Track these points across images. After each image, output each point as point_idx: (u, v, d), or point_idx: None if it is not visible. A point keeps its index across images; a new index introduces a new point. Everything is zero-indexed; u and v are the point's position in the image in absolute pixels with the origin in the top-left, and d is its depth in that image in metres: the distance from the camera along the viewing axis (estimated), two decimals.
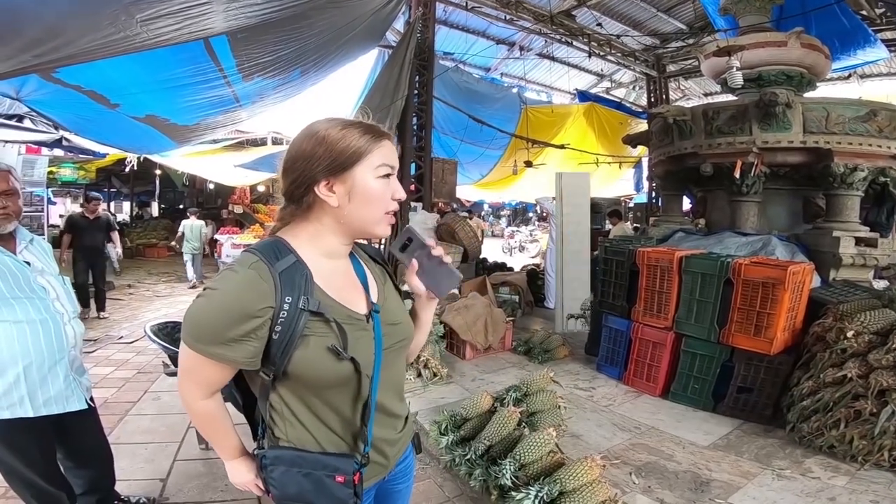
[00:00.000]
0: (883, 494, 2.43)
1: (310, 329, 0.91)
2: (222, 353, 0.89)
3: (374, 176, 0.96)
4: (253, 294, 0.88)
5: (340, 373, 0.92)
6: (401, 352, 1.10)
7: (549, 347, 5.03)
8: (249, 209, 13.23)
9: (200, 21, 3.07)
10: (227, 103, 5.81)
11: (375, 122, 1.01)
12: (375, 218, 0.98)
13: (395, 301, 1.12)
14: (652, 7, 10.13)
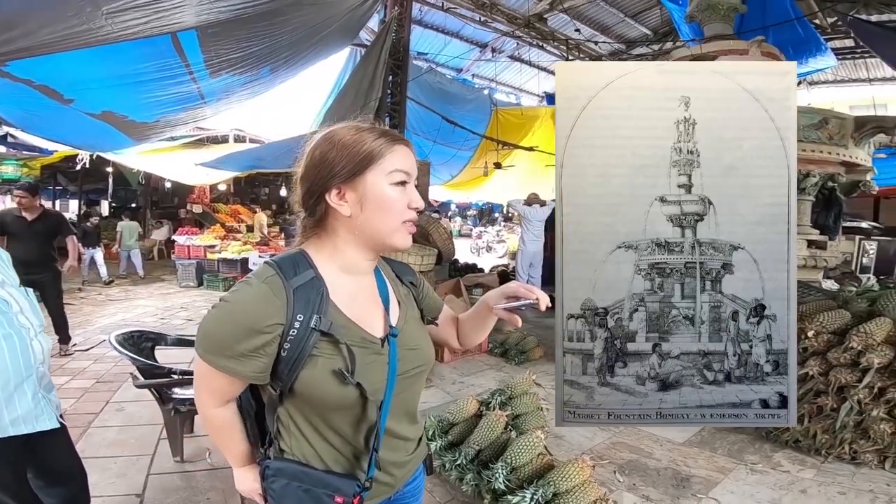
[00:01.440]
0: (848, 486, 2.61)
1: (319, 349, 0.88)
2: (231, 366, 0.87)
3: (388, 182, 0.92)
4: (263, 310, 0.86)
5: (346, 397, 0.89)
6: (417, 377, 1.04)
7: (524, 349, 5.11)
8: (209, 209, 12.75)
9: (171, 15, 2.93)
10: (192, 100, 5.57)
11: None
12: (391, 227, 0.93)
13: (417, 324, 1.08)
14: (620, 12, 10.44)
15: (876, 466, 2.79)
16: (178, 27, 3.25)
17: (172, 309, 7.50)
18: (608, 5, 10.08)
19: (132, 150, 8.89)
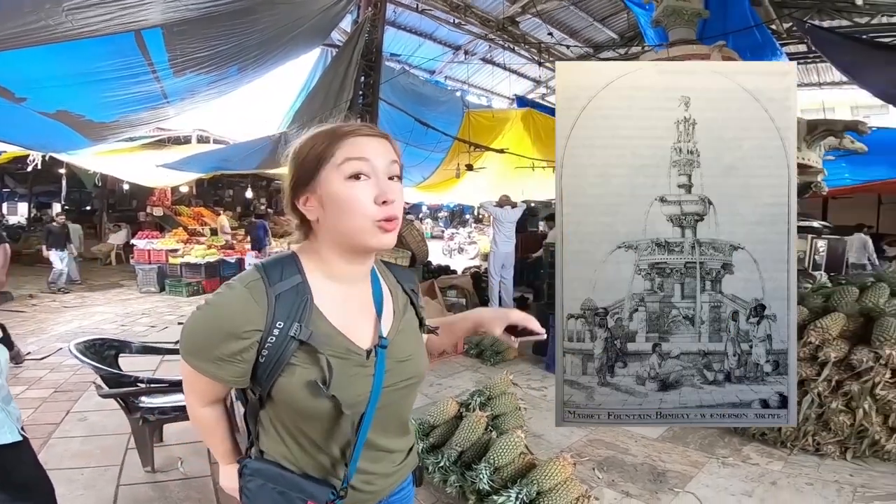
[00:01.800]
0: (814, 477, 2.75)
1: (297, 358, 0.86)
2: (211, 370, 0.87)
3: (340, 177, 0.85)
4: (242, 315, 0.84)
5: (320, 409, 0.87)
6: (408, 390, 1.01)
7: (499, 349, 5.16)
8: (171, 211, 12.27)
9: (137, 12, 2.81)
10: (154, 100, 5.36)
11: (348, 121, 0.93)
12: (356, 227, 0.86)
13: (412, 335, 1.03)
14: (589, 16, 10.69)
15: (838, 457, 2.93)
16: (143, 25, 3.12)
17: (133, 315, 7.21)
18: (578, 9, 10.31)
19: (88, 150, 8.47)
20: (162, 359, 4.36)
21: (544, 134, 11.87)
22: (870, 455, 2.91)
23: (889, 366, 2.84)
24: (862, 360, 2.88)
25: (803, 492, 2.60)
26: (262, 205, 16.33)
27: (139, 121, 6.04)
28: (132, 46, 3.71)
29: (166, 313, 7.38)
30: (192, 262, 8.86)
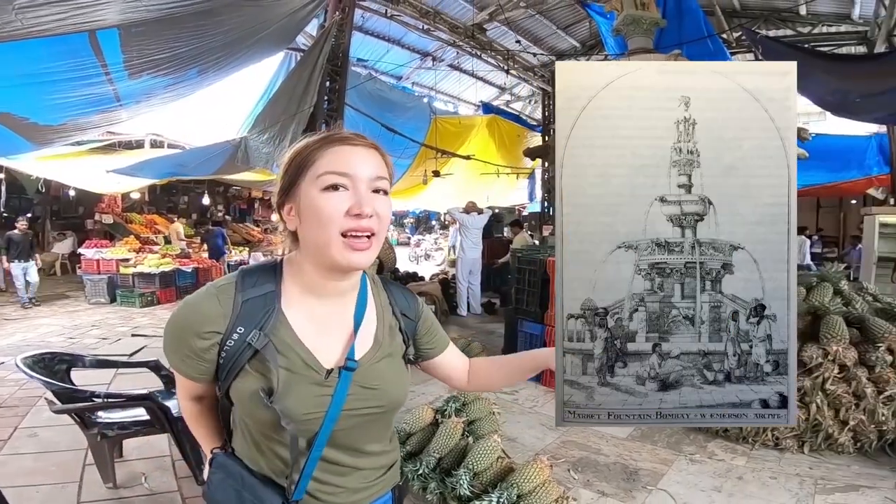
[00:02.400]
0: (777, 471, 2.89)
1: (251, 365, 0.86)
2: (177, 365, 0.91)
3: (317, 188, 0.83)
4: (205, 316, 0.87)
5: (264, 418, 0.87)
6: (375, 418, 0.97)
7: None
8: (121, 219, 11.64)
9: (92, 11, 2.67)
10: (106, 102, 5.11)
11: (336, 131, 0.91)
12: (324, 239, 0.83)
13: (390, 362, 0.99)
14: (553, 24, 11.01)
15: (796, 451, 3.09)
16: (98, 25, 2.96)
17: (82, 328, 6.80)
18: (543, 17, 10.59)
19: (31, 155, 7.95)
20: (116, 372, 4.15)
21: (508, 140, 12.11)
22: (825, 448, 3.08)
23: (837, 362, 3.03)
24: (812, 357, 3.06)
25: (768, 485, 2.73)
26: (219, 212, 15.78)
27: (89, 124, 5.74)
28: (85, 47, 3.52)
29: (118, 325, 7.01)
30: (145, 271, 8.44)
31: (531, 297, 4.87)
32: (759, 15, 9.66)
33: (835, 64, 6.07)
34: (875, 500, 2.54)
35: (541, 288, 4.75)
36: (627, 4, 6.03)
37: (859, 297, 3.69)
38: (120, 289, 8.37)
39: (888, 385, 2.95)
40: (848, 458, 3.02)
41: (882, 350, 3.00)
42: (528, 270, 4.91)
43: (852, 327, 3.18)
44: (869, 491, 2.63)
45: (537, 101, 14.03)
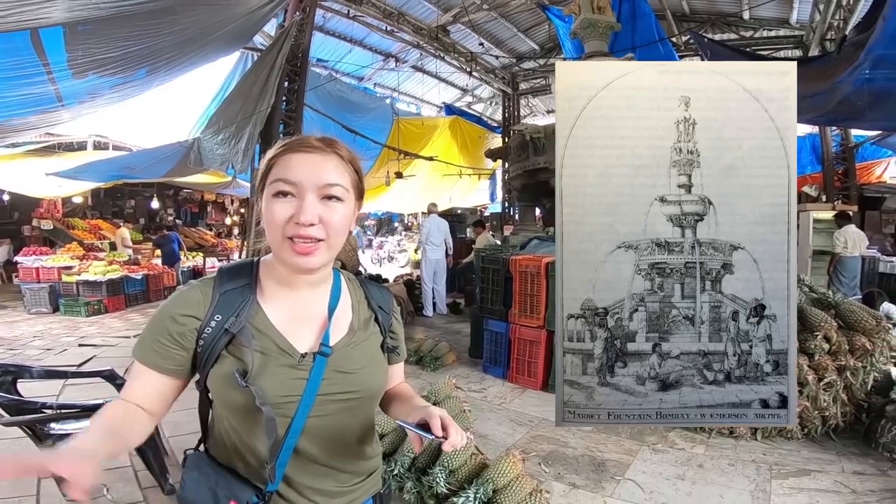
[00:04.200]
0: (734, 458, 3.06)
1: (228, 350, 0.90)
2: (154, 359, 0.90)
3: (270, 194, 0.89)
4: (183, 303, 0.92)
5: (239, 401, 0.88)
6: (351, 405, 0.97)
7: (438, 355, 5.23)
8: (62, 224, 10.91)
9: (37, 9, 2.51)
10: (46, 102, 4.81)
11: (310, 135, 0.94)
12: (274, 242, 0.90)
13: (365, 350, 1.01)
14: (514, 27, 11.26)
15: (750, 438, 3.28)
16: (42, 23, 2.78)
17: (23, 339, 6.35)
18: (504, 20, 10.82)
19: None
20: (65, 383, 3.90)
21: (470, 142, 12.23)
22: (776, 435, 3.28)
23: None
24: None
25: (727, 472, 2.89)
26: (169, 216, 15.05)
27: (26, 125, 5.38)
28: (26, 45, 3.29)
29: (63, 335, 6.58)
30: (90, 279, 7.95)
31: (495, 295, 4.97)
32: (707, 19, 10.22)
33: None
34: (826, 484, 2.73)
35: (504, 287, 4.85)
36: (585, 8, 6.23)
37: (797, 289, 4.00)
38: (63, 297, 7.87)
39: (826, 372, 3.21)
40: (797, 443, 3.22)
41: (819, 338, 3.25)
42: (491, 269, 5.00)
43: None
44: (819, 475, 2.83)
45: (498, 102, 14.26)
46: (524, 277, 4.60)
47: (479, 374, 4.91)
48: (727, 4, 9.53)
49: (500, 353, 4.81)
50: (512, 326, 4.69)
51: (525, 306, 4.60)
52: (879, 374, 3.32)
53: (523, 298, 4.61)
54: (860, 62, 4.31)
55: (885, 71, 4.16)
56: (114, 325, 7.18)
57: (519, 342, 4.63)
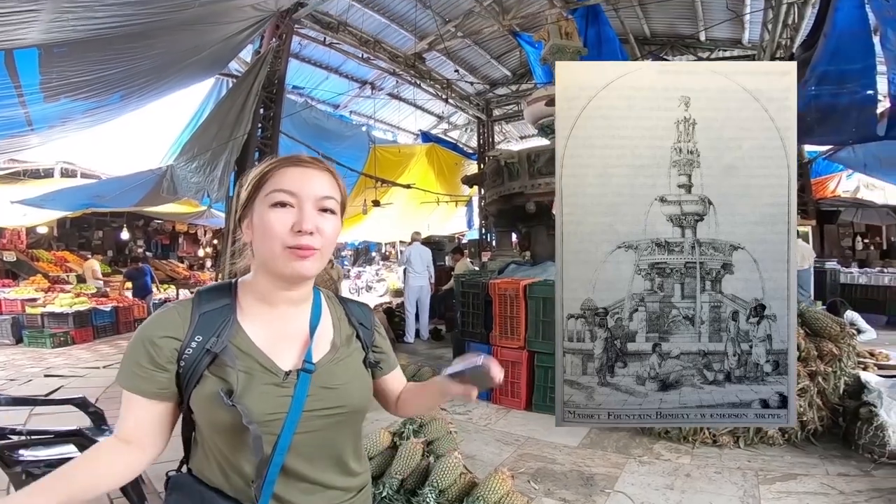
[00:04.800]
0: (720, 466, 3.07)
1: (210, 371, 0.89)
2: (137, 384, 0.89)
3: (267, 205, 0.90)
4: (162, 326, 0.91)
5: (225, 421, 0.87)
6: (338, 420, 0.97)
7: (421, 379, 5.15)
8: (26, 256, 10.48)
9: (14, 29, 2.48)
10: (15, 126, 4.69)
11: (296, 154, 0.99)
12: (272, 252, 0.89)
13: (348, 366, 1.02)
14: (487, 54, 11.63)
15: (733, 446, 3.32)
16: (17, 44, 2.74)
17: None
18: (478, 47, 11.18)
19: None
20: (31, 411, 3.68)
21: (447, 169, 12.40)
22: (758, 442, 3.32)
23: None
24: None
25: (715, 480, 2.91)
26: (139, 247, 14.62)
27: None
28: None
29: (27, 366, 6.27)
30: (56, 311, 7.64)
31: (476, 319, 5.00)
32: (667, 42, 10.79)
33: None
34: (813, 487, 2.77)
35: (484, 310, 4.89)
36: (554, 34, 6.50)
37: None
38: (27, 329, 7.59)
39: (799, 378, 3.30)
40: (779, 449, 3.27)
41: None
42: (471, 294, 5.04)
43: None
44: (805, 478, 2.87)
45: (473, 129, 14.58)
46: (503, 300, 4.65)
47: None
48: (685, 27, 10.07)
49: None
50: (493, 348, 4.70)
51: (505, 328, 4.64)
52: (850, 379, 3.44)
53: (503, 321, 4.65)
54: (806, 79, 4.61)
55: (828, 87, 4.44)
56: (82, 356, 6.86)
57: (501, 363, 4.60)
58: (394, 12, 9.31)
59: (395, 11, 9.30)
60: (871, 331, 6.34)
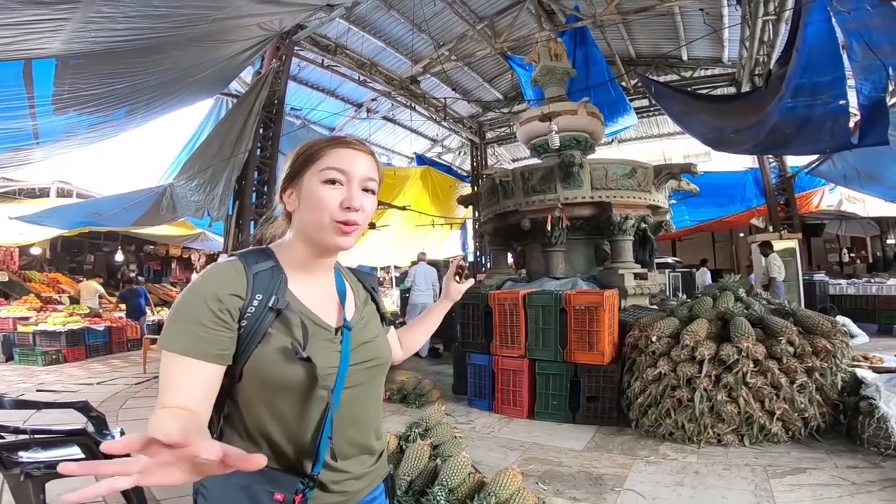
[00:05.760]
0: (728, 463, 3.10)
1: (274, 328, 0.91)
2: (196, 345, 0.84)
3: (320, 180, 0.95)
4: (226, 281, 0.90)
5: (295, 375, 0.90)
6: (373, 373, 1.04)
7: (422, 392, 5.16)
8: (18, 277, 10.36)
9: (39, 38, 2.56)
10: (22, 139, 4.74)
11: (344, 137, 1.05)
12: (320, 224, 0.95)
13: (374, 323, 1.11)
14: (480, 77, 11.99)
15: (738, 445, 3.34)
16: (39, 53, 2.82)
17: None
18: (470, 70, 11.52)
19: None
20: (30, 416, 3.60)
21: (441, 192, 12.54)
22: (763, 440, 3.35)
23: (750, 357, 3.40)
24: (729, 355, 3.42)
25: (724, 476, 2.92)
26: (131, 272, 14.50)
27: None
28: (17, 76, 3.30)
29: (18, 382, 6.21)
30: (49, 329, 7.57)
31: (476, 330, 5.05)
32: (652, 62, 11.17)
33: (711, 104, 7.04)
34: (824, 479, 2.79)
35: (484, 321, 4.95)
36: (544, 57, 6.75)
37: (756, 301, 4.26)
38: (18, 347, 7.49)
39: (797, 374, 3.37)
40: (785, 446, 3.30)
41: (784, 342, 3.43)
42: (471, 305, 5.09)
43: (756, 327, 3.61)
44: (815, 472, 2.89)
45: (466, 152, 14.84)
46: (503, 310, 4.72)
47: (464, 407, 4.85)
48: (668, 46, 10.44)
49: (485, 385, 4.82)
50: (494, 358, 4.74)
51: (506, 338, 4.68)
52: (846, 376, 3.51)
53: (503, 330, 4.70)
54: (783, 92, 4.82)
55: (803, 99, 4.64)
56: (74, 374, 6.77)
57: (502, 373, 4.67)
58: (390, 36, 9.64)
59: (390, 35, 9.62)
60: (862, 335, 6.45)
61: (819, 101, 4.55)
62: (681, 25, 9.78)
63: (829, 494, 2.61)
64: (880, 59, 3.99)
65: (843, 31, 4.42)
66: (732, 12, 8.44)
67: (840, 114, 4.45)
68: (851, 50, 4.26)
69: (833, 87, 4.49)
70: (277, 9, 4.54)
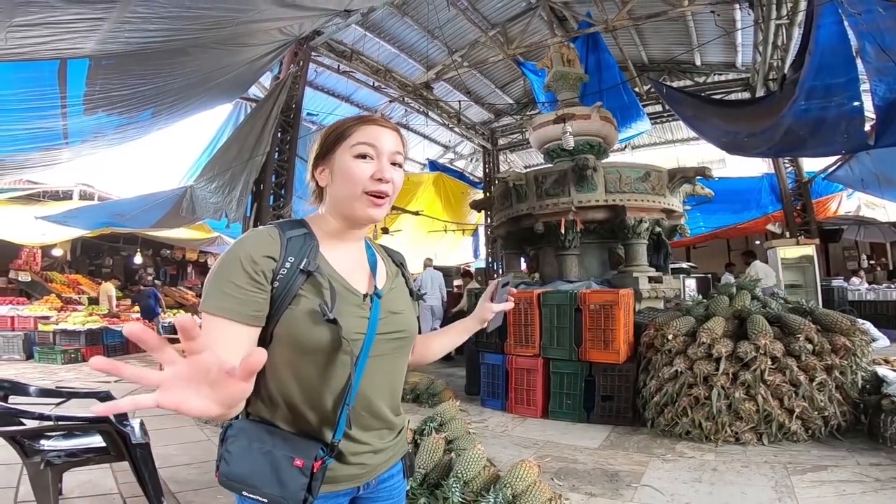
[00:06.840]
0: (746, 461, 3.07)
1: (304, 290, 0.94)
2: (232, 306, 0.87)
3: (351, 155, 1.00)
4: (260, 244, 0.94)
5: (321, 337, 0.92)
6: (399, 345, 1.06)
7: (435, 392, 5.18)
8: (40, 277, 10.62)
9: (75, 38, 2.67)
10: (52, 139, 4.90)
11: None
12: (352, 196, 1.00)
13: (403, 294, 1.13)
14: (492, 83, 12.09)
15: (756, 443, 3.31)
16: (75, 53, 2.94)
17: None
18: (483, 76, 11.65)
19: None
20: (56, 404, 3.68)
21: (453, 198, 12.58)
22: (782, 438, 3.32)
23: (768, 354, 3.38)
24: (747, 352, 3.40)
25: (743, 473, 2.90)
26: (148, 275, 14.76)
27: (25, 163, 5.43)
28: (52, 76, 3.44)
29: (38, 379, 6.31)
30: (69, 328, 7.74)
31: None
32: (664, 67, 11.14)
33: (725, 109, 6.99)
34: (847, 476, 2.76)
35: None
36: (556, 61, 6.80)
37: (773, 300, 4.22)
38: (38, 346, 7.65)
39: (816, 372, 3.32)
40: (805, 444, 3.26)
41: (802, 339, 3.40)
42: None
43: (773, 325, 3.59)
44: (836, 469, 2.86)
45: (478, 158, 14.90)
46: (517, 309, 4.71)
47: (477, 407, 4.87)
48: (681, 52, 10.40)
49: (498, 384, 4.82)
50: (508, 357, 4.74)
51: (520, 336, 4.69)
52: (867, 375, 3.46)
53: (518, 329, 4.71)
54: (797, 95, 4.81)
55: (817, 101, 4.64)
56: (93, 372, 6.85)
57: (516, 372, 4.67)
58: (404, 42, 9.80)
59: (404, 41, 9.79)
60: (883, 338, 6.31)
61: (833, 103, 4.55)
62: (693, 30, 9.75)
63: (853, 490, 2.57)
64: (893, 60, 3.99)
65: (856, 33, 4.43)
66: (745, 17, 8.41)
67: (855, 115, 4.44)
68: (864, 52, 4.27)
69: (847, 89, 4.49)
70: (298, 13, 4.68)
